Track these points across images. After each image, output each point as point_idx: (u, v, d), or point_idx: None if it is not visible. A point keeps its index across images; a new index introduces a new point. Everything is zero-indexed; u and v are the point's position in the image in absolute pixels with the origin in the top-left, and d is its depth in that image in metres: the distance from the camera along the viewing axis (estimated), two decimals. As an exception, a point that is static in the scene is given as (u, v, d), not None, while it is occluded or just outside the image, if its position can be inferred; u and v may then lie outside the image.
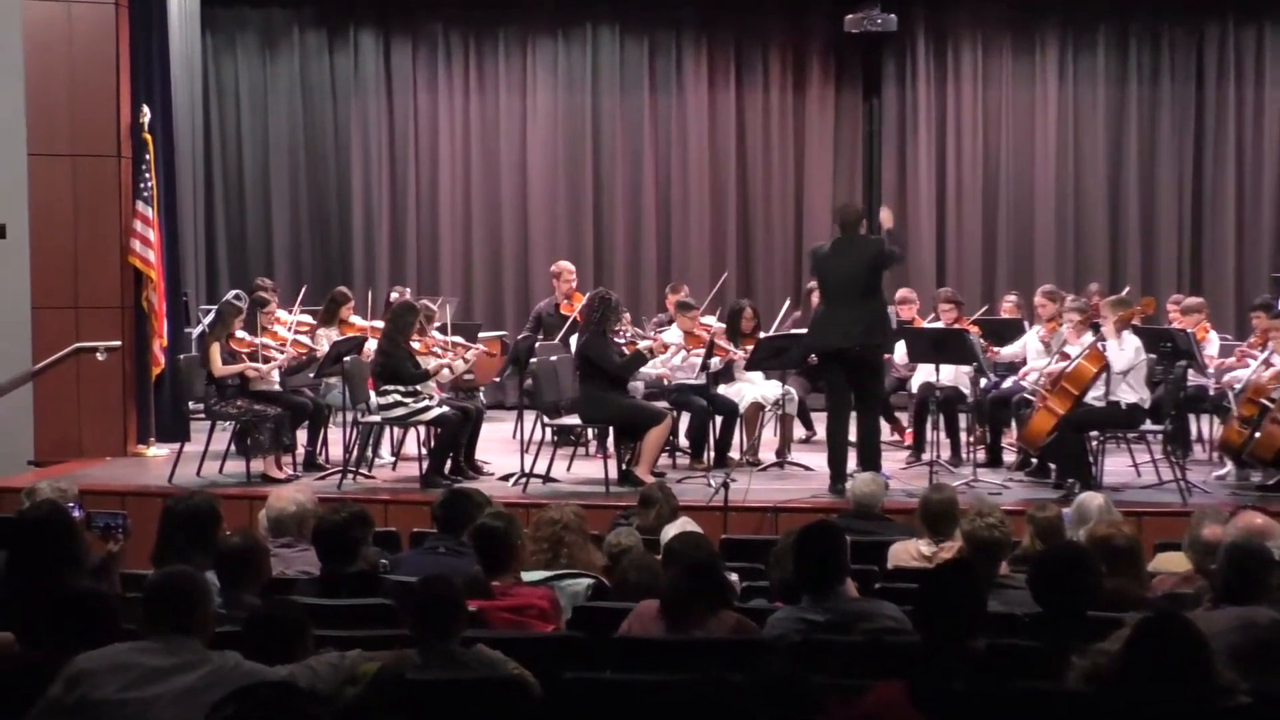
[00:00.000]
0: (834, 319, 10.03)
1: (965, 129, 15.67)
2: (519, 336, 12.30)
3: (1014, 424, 10.95)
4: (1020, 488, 10.26)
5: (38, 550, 5.61)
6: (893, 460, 11.05)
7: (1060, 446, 9.87)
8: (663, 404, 11.12)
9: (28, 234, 11.84)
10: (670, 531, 6.90)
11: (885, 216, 10.37)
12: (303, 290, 11.91)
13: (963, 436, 11.45)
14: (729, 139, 15.83)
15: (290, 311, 11.73)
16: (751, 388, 11.57)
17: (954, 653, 4.50)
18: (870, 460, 9.96)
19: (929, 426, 11.35)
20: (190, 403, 11.67)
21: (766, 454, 11.48)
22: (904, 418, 12.29)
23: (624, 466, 10.51)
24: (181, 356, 11.71)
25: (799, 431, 12.41)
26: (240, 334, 10.81)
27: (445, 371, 11.11)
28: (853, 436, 10.10)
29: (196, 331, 12.99)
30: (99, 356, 11.85)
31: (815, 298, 12.53)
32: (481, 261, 16.09)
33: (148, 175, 11.86)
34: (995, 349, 11.48)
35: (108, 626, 4.69)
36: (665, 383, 11.56)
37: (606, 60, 15.89)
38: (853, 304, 9.94)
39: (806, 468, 11.08)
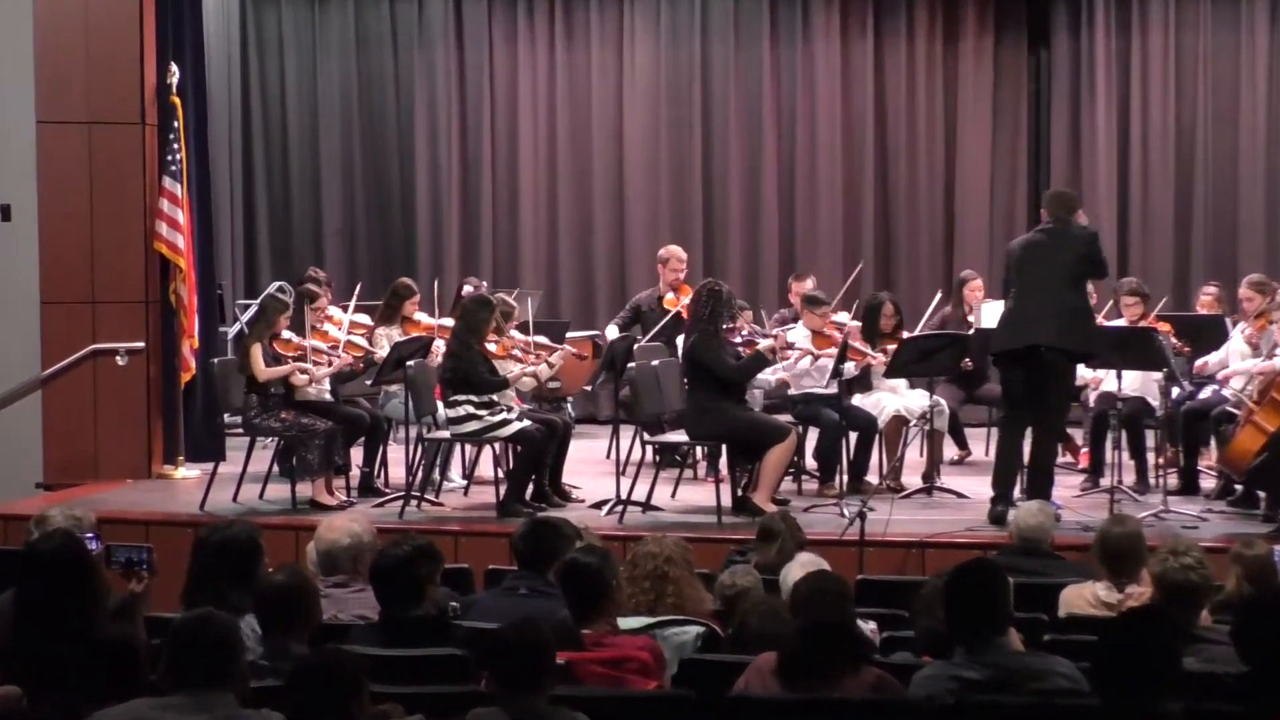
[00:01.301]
0: (1024, 314, 10.01)
1: (1153, 87, 15.46)
2: (614, 335, 12.30)
3: (1213, 442, 10.86)
4: (1221, 520, 10.15)
5: (49, 589, 5.67)
6: (1065, 486, 10.95)
7: (1271, 470, 9.75)
8: (786, 418, 11.10)
9: (36, 215, 11.99)
10: (794, 571, 6.86)
11: None
12: (359, 283, 12.01)
13: (1150, 458, 11.35)
14: (865, 101, 15.73)
15: (344, 308, 11.81)
16: (893, 398, 11.51)
17: (1142, 718, 4.45)
18: (1039, 487, 9.90)
19: (1109, 445, 11.23)
20: (226, 415, 11.79)
21: (911, 478, 11.46)
22: (1078, 435, 12.18)
23: (740, 492, 10.53)
24: (216, 361, 11.83)
25: (950, 451, 12.36)
26: (286, 334, 10.87)
27: (527, 379, 11.16)
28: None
29: (234, 331, 13.14)
30: (119, 360, 12.00)
31: (975, 292, 12.49)
32: (569, 248, 16.15)
33: (176, 146, 11.99)
34: (1204, 361, 11.31)
35: (130, 678, 4.75)
36: (789, 391, 11.52)
37: (718, 6, 15.88)
38: (1050, 299, 9.91)
39: (959, 494, 11.04)
